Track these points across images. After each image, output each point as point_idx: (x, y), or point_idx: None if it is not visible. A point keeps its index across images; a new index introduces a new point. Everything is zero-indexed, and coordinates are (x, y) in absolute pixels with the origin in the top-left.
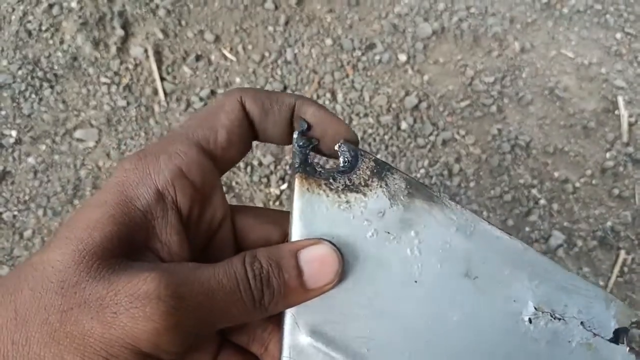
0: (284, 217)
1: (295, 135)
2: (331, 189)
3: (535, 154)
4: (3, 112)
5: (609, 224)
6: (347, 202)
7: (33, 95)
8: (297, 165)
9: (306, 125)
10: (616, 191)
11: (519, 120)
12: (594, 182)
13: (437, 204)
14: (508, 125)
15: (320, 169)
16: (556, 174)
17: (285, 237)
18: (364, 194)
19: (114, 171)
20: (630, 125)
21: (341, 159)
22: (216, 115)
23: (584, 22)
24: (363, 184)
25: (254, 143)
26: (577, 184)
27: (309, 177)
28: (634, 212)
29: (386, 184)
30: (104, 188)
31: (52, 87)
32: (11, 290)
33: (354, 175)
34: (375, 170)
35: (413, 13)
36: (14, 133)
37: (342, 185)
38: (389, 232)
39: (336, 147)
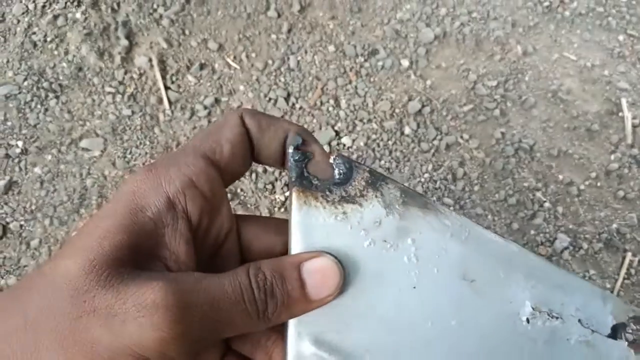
0: (286, 227)
1: (290, 150)
2: (327, 201)
3: (539, 157)
4: (9, 123)
5: (614, 226)
6: (344, 213)
7: (39, 106)
8: (293, 179)
9: (300, 140)
10: (621, 193)
11: (522, 123)
12: (598, 184)
13: (432, 210)
14: (511, 128)
15: (316, 182)
16: (561, 177)
17: (286, 248)
18: (360, 205)
19: (125, 182)
20: (635, 126)
21: (336, 171)
22: (220, 130)
23: (586, 25)
24: (359, 194)
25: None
26: (582, 187)
27: (305, 190)
28: None
29: (381, 194)
30: (116, 198)
31: (57, 97)
32: (22, 298)
33: (350, 187)
34: (370, 181)
35: (415, 18)
36: (20, 143)
37: (338, 197)
38: (386, 241)
39: (331, 160)
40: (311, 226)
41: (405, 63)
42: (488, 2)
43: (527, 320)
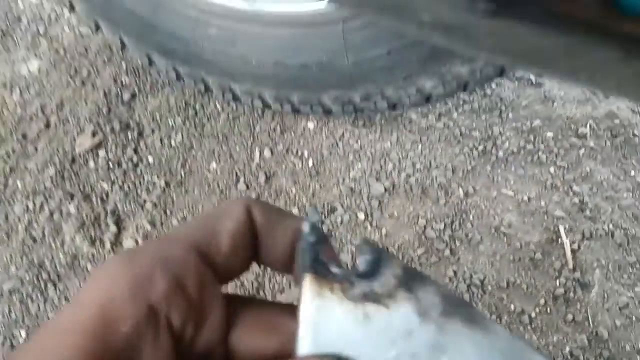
0: (284, 322)
1: (305, 229)
2: (346, 296)
3: (490, 290)
4: (13, 316)
5: (567, 349)
6: (366, 314)
7: (39, 296)
8: (307, 264)
9: (318, 217)
10: (570, 316)
11: (471, 260)
12: (548, 310)
13: (481, 328)
14: (462, 265)
15: (335, 270)
16: (512, 307)
17: (282, 348)
18: (387, 307)
19: (96, 275)
20: (574, 251)
21: (361, 261)
22: (220, 218)
23: (519, 162)
24: (386, 294)
25: None
26: (533, 314)
27: (320, 279)
28: (589, 335)
29: (416, 298)
30: (84, 299)
31: (55, 286)
32: None
33: (376, 282)
34: (402, 279)
35: (366, 175)
36: (23, 333)
37: (360, 292)
38: (415, 357)
39: (355, 246)
40: (324, 323)
41: (361, 216)
42: (429, 153)
43: None
